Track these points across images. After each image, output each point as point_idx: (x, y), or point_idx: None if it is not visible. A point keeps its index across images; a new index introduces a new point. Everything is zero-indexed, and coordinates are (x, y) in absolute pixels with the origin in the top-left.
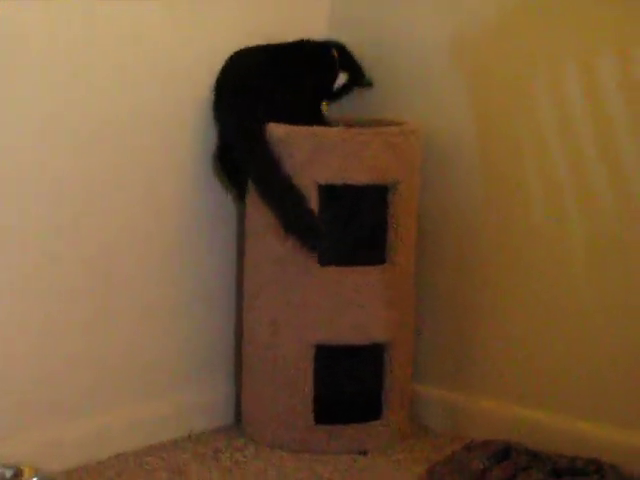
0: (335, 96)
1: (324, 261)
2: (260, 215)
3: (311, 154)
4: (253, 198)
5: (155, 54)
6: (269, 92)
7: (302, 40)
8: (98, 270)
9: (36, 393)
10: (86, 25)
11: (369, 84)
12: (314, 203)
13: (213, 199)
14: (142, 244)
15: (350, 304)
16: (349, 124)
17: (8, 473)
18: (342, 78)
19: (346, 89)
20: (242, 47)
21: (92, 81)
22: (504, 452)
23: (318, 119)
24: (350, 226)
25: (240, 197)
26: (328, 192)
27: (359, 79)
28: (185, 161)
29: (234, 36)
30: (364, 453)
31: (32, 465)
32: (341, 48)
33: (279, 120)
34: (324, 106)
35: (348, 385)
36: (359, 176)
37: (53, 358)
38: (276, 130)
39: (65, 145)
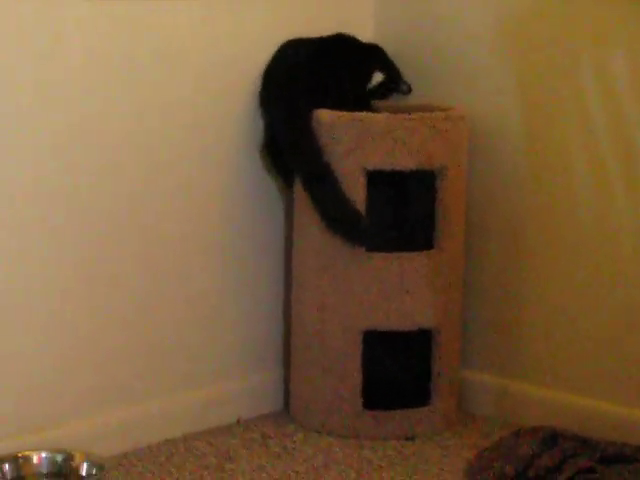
0: (371, 95)
1: (371, 247)
2: (307, 203)
3: (358, 140)
4: (299, 187)
5: (201, 47)
6: (315, 83)
7: (342, 34)
8: (148, 261)
9: (87, 379)
10: (130, 19)
11: (406, 90)
12: (361, 189)
13: (261, 188)
14: (190, 234)
15: (397, 290)
16: (395, 110)
17: (59, 458)
18: (379, 78)
19: (382, 89)
20: (288, 40)
21: (137, 74)
22: (552, 438)
23: (365, 108)
24: (397, 212)
25: (287, 186)
26: (376, 178)
27: (395, 82)
28: (233, 152)
29: (280, 30)
30: (412, 439)
31: (83, 450)
32: (380, 50)
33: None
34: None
35: (396, 371)
36: (406, 162)
37: (103, 345)
38: (323, 116)
39: (114, 137)
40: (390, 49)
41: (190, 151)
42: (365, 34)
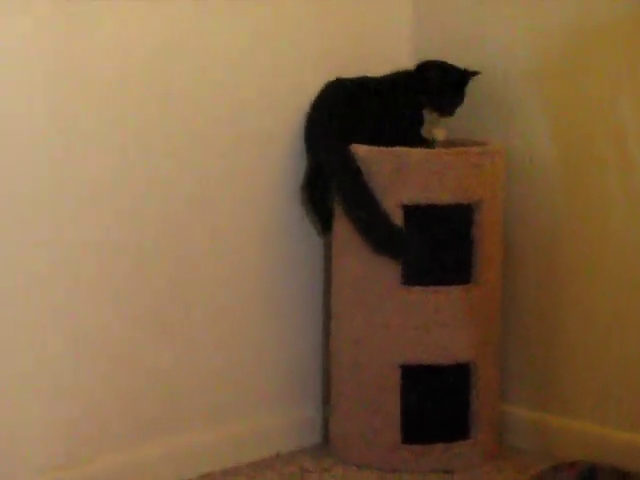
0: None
1: (408, 281)
2: (346, 236)
3: (394, 174)
4: (339, 220)
5: (241, 83)
6: (359, 119)
7: (392, 73)
8: (189, 299)
9: (125, 413)
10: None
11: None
12: (399, 222)
13: (300, 227)
14: (230, 265)
15: (434, 324)
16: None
17: None
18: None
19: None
20: (333, 79)
21: (173, 109)
22: (591, 473)
23: (418, 142)
24: (434, 245)
25: (325, 229)
26: (412, 212)
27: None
28: (273, 193)
29: (321, 68)
30: (451, 472)
31: None
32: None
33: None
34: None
35: (434, 405)
36: (443, 196)
37: (140, 378)
38: (359, 150)
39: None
40: None
41: (231, 192)
42: (401, 62)
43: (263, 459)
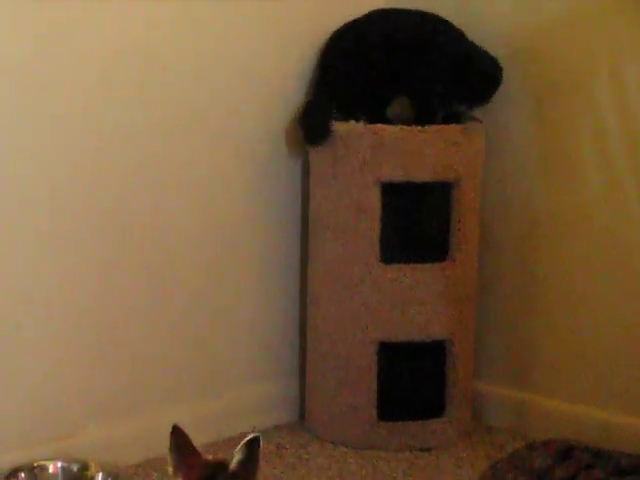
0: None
1: (385, 259)
2: (323, 214)
3: (373, 151)
4: (316, 199)
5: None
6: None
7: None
8: (163, 274)
9: (102, 390)
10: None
11: None
12: (377, 200)
13: (278, 199)
14: (205, 248)
15: (411, 301)
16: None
17: (75, 467)
18: None
19: None
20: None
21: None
22: (566, 451)
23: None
24: (412, 223)
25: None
26: (390, 189)
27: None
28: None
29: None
30: (426, 450)
31: (98, 460)
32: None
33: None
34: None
35: (411, 382)
36: (421, 173)
37: (119, 356)
38: (340, 128)
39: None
40: None
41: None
42: None
43: (239, 436)
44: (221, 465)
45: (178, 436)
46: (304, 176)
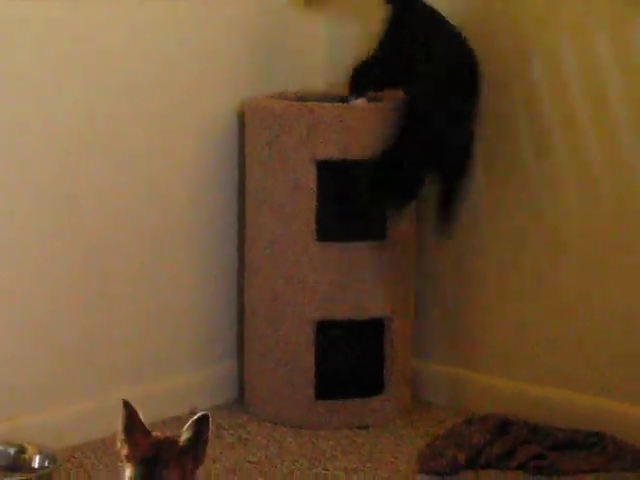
0: None
1: (322, 237)
2: (259, 191)
3: (308, 129)
4: (253, 178)
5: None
6: None
7: None
8: (99, 254)
9: (39, 373)
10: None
11: None
12: (313, 178)
13: (216, 177)
14: (146, 220)
15: (349, 280)
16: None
17: (12, 450)
18: None
19: None
20: None
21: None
22: (503, 426)
23: None
24: (348, 201)
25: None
26: (326, 167)
27: None
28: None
29: None
30: (365, 428)
31: (35, 443)
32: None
33: None
34: None
35: (349, 361)
36: (357, 151)
37: (55, 339)
38: (275, 106)
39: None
40: None
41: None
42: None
43: (178, 416)
44: (169, 442)
45: (128, 412)
46: (242, 154)
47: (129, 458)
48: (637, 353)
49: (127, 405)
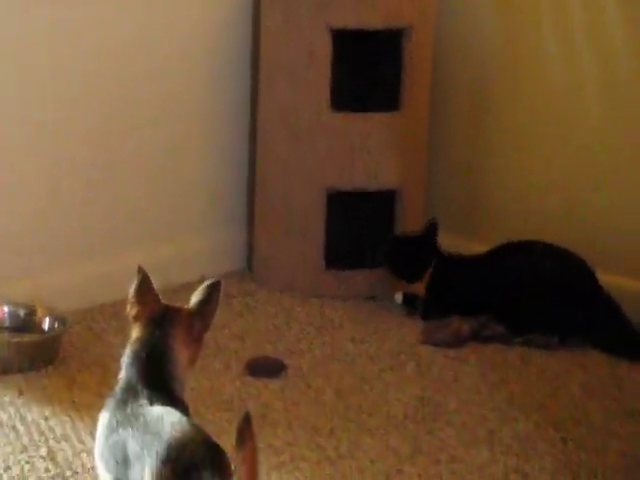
0: None
1: (336, 107)
2: (273, 60)
3: None
4: (267, 45)
5: None
6: None
7: None
8: (114, 119)
9: (51, 236)
10: None
11: None
12: (328, 47)
13: (227, 48)
14: (154, 92)
15: (361, 150)
16: None
17: (22, 312)
18: None
19: None
20: None
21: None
22: None
23: None
24: (363, 72)
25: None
26: (341, 37)
27: None
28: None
29: None
30: (373, 298)
31: (45, 305)
32: None
33: None
34: None
35: (359, 231)
36: (373, 20)
37: (68, 201)
38: None
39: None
40: None
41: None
42: None
43: (187, 283)
44: (178, 307)
45: (141, 277)
46: (256, 20)
47: (138, 317)
48: None
49: (141, 270)
